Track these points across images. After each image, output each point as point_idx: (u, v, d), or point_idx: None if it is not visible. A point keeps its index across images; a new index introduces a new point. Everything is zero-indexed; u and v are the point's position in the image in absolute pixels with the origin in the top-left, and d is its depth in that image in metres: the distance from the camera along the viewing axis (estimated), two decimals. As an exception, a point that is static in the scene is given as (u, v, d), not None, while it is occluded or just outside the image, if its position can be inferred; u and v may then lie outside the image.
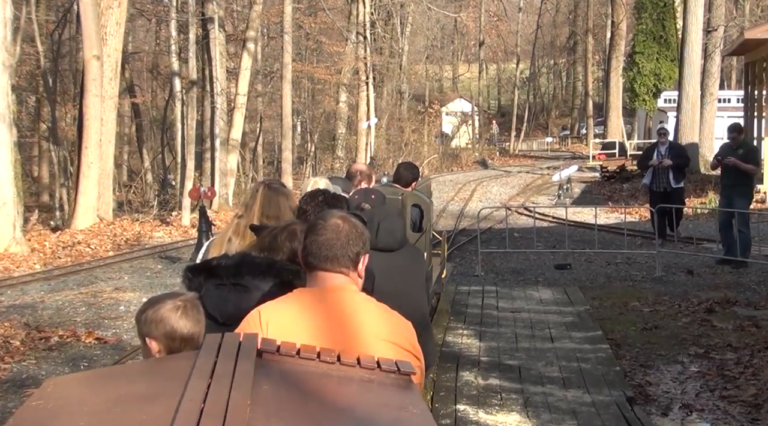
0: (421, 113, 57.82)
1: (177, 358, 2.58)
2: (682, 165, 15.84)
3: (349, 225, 2.84)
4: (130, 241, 20.52)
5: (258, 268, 3.27)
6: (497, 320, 10.49)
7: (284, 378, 2.22)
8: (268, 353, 2.28)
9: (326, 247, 2.79)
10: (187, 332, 2.87)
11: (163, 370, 2.39)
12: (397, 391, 2.31)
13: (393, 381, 2.35)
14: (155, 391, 2.11)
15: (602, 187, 34.81)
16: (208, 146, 30.65)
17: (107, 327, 10.75)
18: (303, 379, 2.24)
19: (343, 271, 2.82)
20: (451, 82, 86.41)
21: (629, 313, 10.73)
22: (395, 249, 4.72)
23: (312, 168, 46.90)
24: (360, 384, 2.29)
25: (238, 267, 3.28)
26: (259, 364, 2.18)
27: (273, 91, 44.78)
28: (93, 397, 2.14)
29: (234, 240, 4.15)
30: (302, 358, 2.32)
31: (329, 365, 2.32)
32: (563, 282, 13.24)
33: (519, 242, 17.74)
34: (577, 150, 66.38)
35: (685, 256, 14.75)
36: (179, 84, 30.93)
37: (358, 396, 2.25)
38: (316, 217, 2.99)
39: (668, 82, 52.62)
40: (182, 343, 2.86)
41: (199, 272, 3.36)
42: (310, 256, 2.82)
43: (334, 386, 2.27)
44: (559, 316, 10.61)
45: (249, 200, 4.29)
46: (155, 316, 2.88)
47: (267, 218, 4.11)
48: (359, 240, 2.84)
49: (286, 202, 4.26)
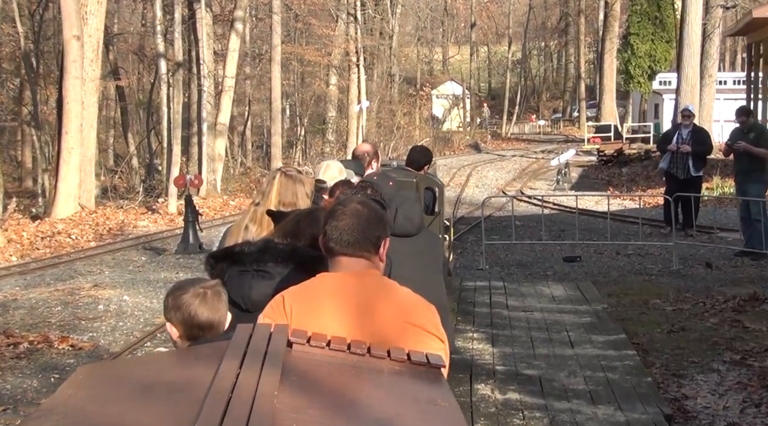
0: (413, 96, 56.85)
1: (207, 347, 2.53)
2: (701, 152, 14.83)
3: (369, 209, 2.85)
4: (113, 231, 19.61)
5: (281, 254, 3.29)
6: (509, 321, 9.64)
7: (313, 369, 2.22)
8: (298, 344, 2.29)
9: (348, 232, 2.79)
10: (205, 320, 2.90)
11: (193, 359, 2.40)
12: (426, 384, 2.30)
13: (423, 373, 2.34)
14: (185, 379, 2.13)
15: (600, 171, 34.02)
16: (195, 131, 29.67)
17: (83, 330, 9.86)
18: (332, 370, 2.25)
19: (365, 255, 2.82)
20: (441, 65, 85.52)
21: (651, 313, 9.89)
22: (413, 234, 4.72)
23: (302, 152, 46.08)
24: (390, 376, 2.29)
25: (261, 253, 3.30)
26: (288, 355, 2.20)
27: (262, 74, 43.87)
28: (124, 385, 2.16)
29: (251, 227, 4.16)
30: (332, 349, 2.32)
31: (359, 357, 2.32)
32: (574, 276, 12.41)
33: (522, 231, 16.88)
34: (570, 133, 65.60)
35: (701, 247, 13.92)
36: (165, 66, 29.91)
37: (387, 389, 2.24)
38: (336, 203, 2.98)
39: (664, 64, 51.80)
40: (200, 330, 2.90)
41: (222, 259, 3.38)
42: (331, 242, 2.81)
43: (363, 378, 2.27)
44: (576, 317, 9.77)
45: (266, 187, 4.30)
46: (176, 302, 2.93)
47: (284, 205, 4.13)
48: (380, 224, 2.85)
49: (303, 189, 4.27)
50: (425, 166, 7.73)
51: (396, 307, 2.77)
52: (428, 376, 2.34)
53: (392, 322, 2.70)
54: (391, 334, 2.59)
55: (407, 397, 2.19)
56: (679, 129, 15.02)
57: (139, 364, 2.62)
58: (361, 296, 2.75)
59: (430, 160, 7.82)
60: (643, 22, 50.56)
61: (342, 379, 2.23)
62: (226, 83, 30.12)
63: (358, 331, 2.54)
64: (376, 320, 2.68)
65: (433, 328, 2.79)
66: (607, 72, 59.72)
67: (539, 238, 16.36)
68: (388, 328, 2.65)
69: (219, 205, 26.24)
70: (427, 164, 7.78)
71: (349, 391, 2.15)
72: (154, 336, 9.42)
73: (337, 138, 45.31)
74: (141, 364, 2.54)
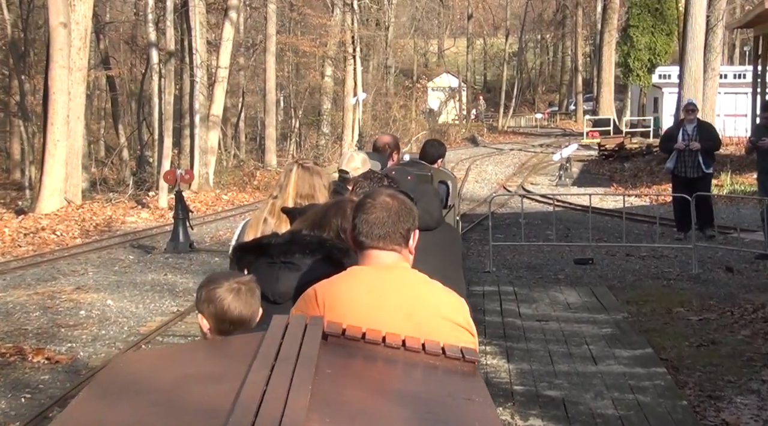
0: (409, 88, 56.03)
1: (243, 338, 2.53)
2: (711, 148, 13.93)
3: (398, 202, 2.83)
4: (100, 227, 18.82)
5: (308, 246, 3.29)
6: (523, 332, 8.91)
7: (348, 362, 2.23)
8: (333, 336, 2.29)
9: (378, 225, 2.77)
10: (237, 315, 2.90)
11: (229, 350, 2.40)
12: (461, 379, 2.29)
13: (457, 368, 2.33)
14: (220, 371, 2.15)
15: (601, 166, 33.30)
16: (187, 122, 28.82)
17: (62, 339, 9.10)
18: (367, 364, 2.26)
19: (395, 248, 2.80)
20: (437, 57, 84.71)
21: (676, 323, 9.16)
22: (432, 228, 4.68)
23: (296, 145, 45.36)
24: (424, 371, 2.29)
25: (289, 245, 3.30)
26: (323, 348, 2.19)
27: (256, 65, 43.12)
28: (160, 374, 2.18)
29: (270, 220, 4.18)
30: (367, 342, 2.31)
31: (394, 350, 2.31)
32: (587, 280, 11.68)
33: (527, 230, 16.04)
34: (567, 126, 64.87)
35: (718, 249, 13.19)
36: (156, 56, 29.06)
37: (422, 383, 2.22)
38: (364, 196, 2.95)
39: (664, 57, 51.07)
40: (232, 325, 2.89)
41: (249, 250, 3.39)
42: (361, 235, 2.79)
43: (398, 373, 2.27)
44: (595, 327, 9.04)
45: (283, 181, 4.29)
46: (209, 296, 2.92)
47: (301, 197, 4.16)
48: (409, 216, 2.83)
49: (321, 181, 4.27)
50: (439, 160, 7.76)
51: (428, 301, 2.75)
52: (463, 370, 2.32)
53: (425, 316, 2.68)
54: (424, 328, 2.56)
55: (442, 392, 2.17)
56: (682, 125, 14.20)
57: (177, 353, 2.58)
58: (394, 290, 2.72)
59: (443, 153, 7.88)
60: (642, 14, 49.81)
61: (376, 373, 2.23)
62: (220, 74, 29.31)
63: (390, 325, 2.49)
64: (409, 314, 2.66)
65: (465, 323, 2.77)
66: (606, 65, 58.91)
67: (546, 237, 15.63)
68: (421, 322, 2.63)
69: (211, 200, 25.47)
70: (441, 158, 7.82)
71: (384, 386, 2.15)
72: (138, 348, 8.66)
73: (332, 130, 44.56)
74: (178, 354, 2.53)
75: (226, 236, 17.35)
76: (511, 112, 69.24)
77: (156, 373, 2.20)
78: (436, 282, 2.86)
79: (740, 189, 20.36)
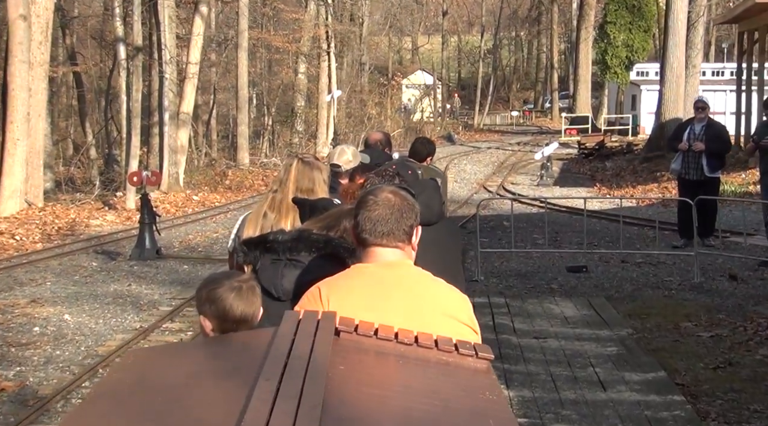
0: (384, 86, 55.21)
1: (256, 334, 2.52)
2: (718, 150, 12.95)
3: (400, 198, 2.80)
4: (63, 231, 17.84)
5: (314, 244, 3.29)
6: (521, 352, 8.12)
7: (361, 359, 2.20)
8: (345, 333, 2.26)
9: (381, 222, 2.76)
10: (240, 314, 2.86)
11: (241, 346, 2.37)
12: (474, 376, 2.25)
13: (470, 365, 2.30)
14: (233, 367, 2.10)
15: (581, 165, 32.69)
16: (156, 120, 27.81)
17: (11, 361, 8.21)
18: (380, 360, 2.23)
19: (399, 245, 2.79)
20: (411, 54, 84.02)
21: (686, 341, 8.40)
22: (432, 223, 4.62)
23: (269, 143, 44.46)
24: (437, 367, 2.25)
25: (295, 242, 3.30)
26: (336, 344, 2.17)
27: (228, 61, 42.21)
28: (172, 370, 2.15)
29: (269, 214, 4.17)
30: (380, 338, 2.30)
31: (406, 346, 2.29)
32: (582, 290, 10.91)
33: (513, 234, 15.30)
34: (543, 124, 64.38)
35: (718, 255, 12.45)
36: (124, 51, 28.04)
37: (435, 380, 2.19)
38: (366, 192, 2.92)
39: (641, 54, 50.58)
40: (234, 324, 2.85)
41: (255, 247, 3.38)
42: (364, 233, 2.77)
43: (411, 368, 2.23)
44: (599, 346, 8.27)
45: (283, 175, 4.29)
46: (210, 296, 2.89)
47: (301, 192, 4.14)
48: (412, 212, 2.81)
49: (320, 176, 4.27)
50: (428, 158, 7.74)
51: (432, 299, 2.74)
52: (476, 367, 2.30)
53: (429, 313, 2.66)
54: (427, 325, 2.52)
55: (456, 388, 2.16)
56: (691, 124, 13.36)
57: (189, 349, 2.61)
58: (397, 288, 2.71)
59: (432, 151, 7.85)
60: (620, 10, 49.26)
61: (390, 369, 2.21)
62: (190, 70, 28.34)
63: (394, 322, 2.47)
64: (413, 312, 2.64)
65: (468, 320, 2.77)
66: (583, 62, 58.20)
67: (534, 242, 14.88)
68: (424, 319, 2.61)
69: (181, 201, 24.52)
70: (430, 155, 7.79)
71: (398, 382, 2.14)
72: (95, 372, 7.78)
73: (306, 128, 43.71)
74: (190, 350, 2.53)
75: (196, 241, 16.47)
76: (487, 110, 68.59)
77: (166, 370, 2.17)
78: (439, 279, 2.84)
79: (729, 189, 19.69)
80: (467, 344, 2.37)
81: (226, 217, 20.36)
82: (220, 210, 22.11)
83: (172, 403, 1.91)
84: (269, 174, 33.54)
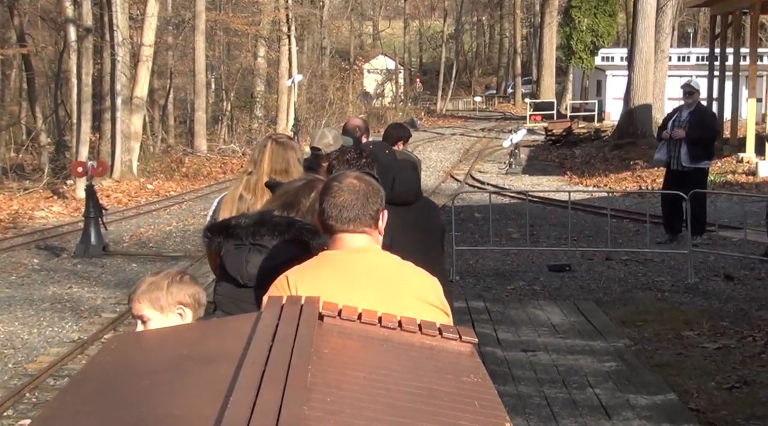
0: (345, 70, 54.12)
1: (239, 319, 2.50)
2: (699, 138, 11.87)
3: (365, 183, 2.78)
4: (4, 223, 16.69)
5: (277, 227, 3.22)
6: (508, 368, 7.20)
7: (345, 343, 2.21)
8: (329, 317, 2.27)
9: (346, 208, 2.73)
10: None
11: (224, 330, 2.35)
12: (458, 359, 2.24)
13: (454, 348, 2.29)
14: (216, 352, 2.09)
15: (549, 152, 31.92)
16: (108, 105, 26.51)
17: (-75, 383, 7.15)
18: (364, 344, 2.23)
19: (365, 230, 2.76)
20: (372, 39, 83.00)
21: (691, 354, 7.54)
22: (411, 202, 4.63)
23: (228, 128, 43.26)
24: (421, 351, 2.26)
25: (258, 226, 3.23)
26: (320, 328, 2.19)
27: (185, 44, 40.87)
28: (155, 356, 2.16)
29: (245, 196, 4.15)
30: (363, 322, 2.30)
31: (390, 331, 2.30)
32: (567, 292, 10.02)
33: (484, 226, 14.37)
34: (507, 110, 63.60)
35: (710, 253, 11.60)
36: (74, 32, 26.65)
37: (420, 363, 2.18)
38: (330, 179, 2.90)
39: (607, 39, 49.95)
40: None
41: (218, 232, 3.30)
42: (330, 219, 2.74)
43: (395, 352, 2.23)
44: (595, 360, 7.37)
45: (257, 156, 4.26)
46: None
47: (276, 173, 4.12)
48: (377, 197, 2.78)
49: (295, 156, 4.25)
50: (399, 142, 7.37)
51: (402, 284, 2.72)
52: (459, 350, 2.29)
53: (399, 297, 2.64)
54: (398, 309, 2.47)
55: (440, 371, 2.15)
56: (680, 110, 12.41)
57: (172, 335, 2.50)
58: (367, 274, 2.69)
59: (404, 135, 7.58)
60: (585, -6, 48.50)
61: (374, 353, 2.22)
62: (144, 52, 27.04)
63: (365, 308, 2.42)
64: (385, 297, 2.61)
65: (439, 303, 2.75)
66: (547, 47, 57.56)
67: (508, 235, 14.03)
68: (395, 304, 2.56)
69: (135, 189, 23.34)
70: (401, 139, 7.46)
71: (382, 365, 2.13)
72: (21, 397, 6.75)
73: (266, 114, 42.59)
74: (173, 335, 2.47)
75: (148, 234, 15.38)
76: (449, 96, 67.76)
77: (151, 355, 2.18)
78: (407, 263, 2.81)
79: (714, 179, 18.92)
80: (451, 328, 2.36)
81: (181, 208, 19.26)
82: (175, 200, 20.99)
83: (157, 388, 1.90)
84: (228, 161, 32.39)
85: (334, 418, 1.75)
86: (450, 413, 1.91)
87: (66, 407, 1.94)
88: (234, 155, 34.67)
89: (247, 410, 1.69)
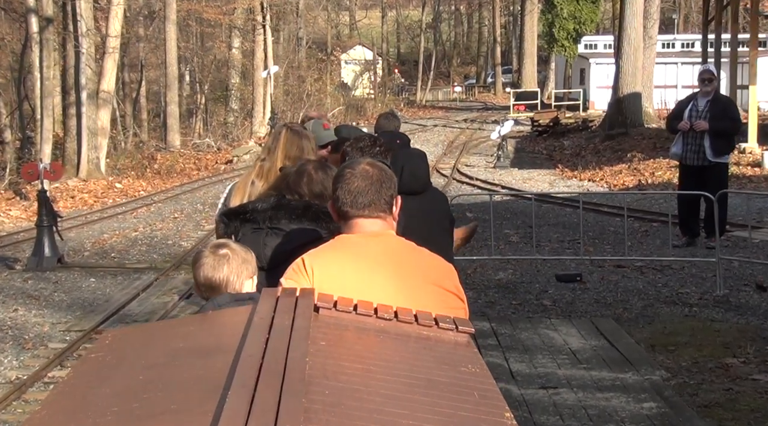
0: (323, 61, 52.80)
1: (234, 312, 2.46)
2: (724, 130, 10.74)
3: (378, 169, 2.77)
4: (-45, 230, 15.32)
5: (294, 211, 3.30)
6: (529, 413, 6.00)
7: (341, 334, 2.18)
8: (325, 309, 2.25)
9: (361, 194, 2.72)
10: (203, 279, 2.93)
11: (220, 323, 2.34)
12: (455, 349, 2.23)
13: (451, 338, 2.28)
14: (213, 345, 2.07)
15: (536, 143, 30.78)
16: (73, 100, 25.11)
17: None
18: (360, 335, 2.22)
19: (381, 215, 2.75)
20: (349, 29, 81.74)
21: (742, 389, 6.35)
22: (419, 191, 4.63)
23: (203, 121, 41.96)
24: (418, 341, 2.24)
25: (275, 210, 3.31)
26: (316, 320, 2.17)
27: (156, 35, 39.48)
28: (151, 350, 2.13)
29: (257, 183, 4.18)
30: (359, 314, 2.29)
31: (386, 322, 2.28)
32: (581, 307, 8.84)
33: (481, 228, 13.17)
34: (487, 100, 62.53)
35: (733, 260, 10.42)
36: (36, 24, 25.22)
37: (417, 353, 2.17)
38: (343, 166, 2.88)
39: (589, 26, 48.88)
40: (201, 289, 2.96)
41: (235, 217, 3.38)
42: (345, 205, 2.74)
43: (392, 343, 2.22)
44: (629, 399, 6.18)
45: (272, 144, 4.31)
46: (195, 258, 2.99)
47: (289, 159, 4.15)
48: (391, 183, 2.78)
49: (309, 144, 4.30)
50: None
51: (418, 268, 2.71)
52: (456, 341, 2.27)
53: (415, 283, 2.64)
54: (413, 294, 2.53)
55: (437, 361, 2.12)
56: (694, 99, 11.19)
57: (167, 328, 2.53)
58: (383, 258, 2.68)
59: (397, 126, 7.21)
60: (567, -19, 47.38)
61: (371, 344, 2.18)
62: (110, 44, 25.64)
63: (381, 293, 2.48)
64: (400, 282, 2.61)
65: (454, 288, 2.75)
66: (528, 35, 56.48)
67: (506, 238, 12.84)
68: (411, 289, 2.59)
69: (102, 189, 21.98)
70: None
71: (379, 357, 2.10)
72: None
73: (242, 107, 41.27)
74: (168, 329, 2.46)
75: (112, 242, 14.08)
76: (429, 86, 66.59)
77: (146, 349, 2.14)
78: (422, 248, 2.81)
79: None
80: (447, 318, 2.36)
81: (149, 211, 17.93)
82: (144, 202, 19.65)
83: (154, 382, 1.87)
84: (202, 157, 31.06)
85: (334, 411, 1.73)
86: (449, 404, 1.89)
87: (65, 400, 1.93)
88: (209, 150, 33.34)
89: (246, 404, 1.67)
